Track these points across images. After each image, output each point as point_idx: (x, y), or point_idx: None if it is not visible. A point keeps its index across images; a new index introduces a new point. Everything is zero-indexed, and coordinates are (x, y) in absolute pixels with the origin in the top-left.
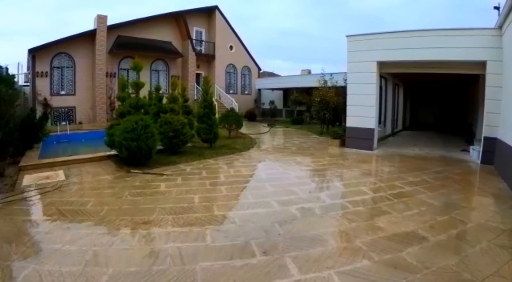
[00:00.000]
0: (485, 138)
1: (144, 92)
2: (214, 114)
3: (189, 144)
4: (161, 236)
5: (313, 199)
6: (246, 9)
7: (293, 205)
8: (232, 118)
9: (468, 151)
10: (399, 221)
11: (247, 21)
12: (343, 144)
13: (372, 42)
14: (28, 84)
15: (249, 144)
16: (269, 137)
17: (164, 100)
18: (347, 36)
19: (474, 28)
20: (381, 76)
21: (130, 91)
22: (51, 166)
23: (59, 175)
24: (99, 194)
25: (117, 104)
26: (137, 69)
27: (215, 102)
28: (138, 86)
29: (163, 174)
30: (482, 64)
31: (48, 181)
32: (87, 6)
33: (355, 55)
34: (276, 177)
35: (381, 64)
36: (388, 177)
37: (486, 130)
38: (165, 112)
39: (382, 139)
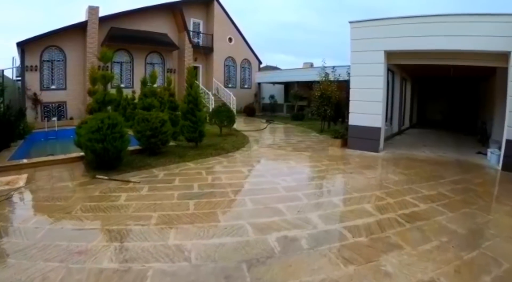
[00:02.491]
0: (508, 141)
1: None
2: (200, 110)
3: (173, 143)
4: (89, 277)
5: (301, 223)
6: (244, 1)
7: (273, 232)
8: (223, 114)
9: (485, 154)
10: (413, 262)
11: (246, 14)
12: (345, 144)
13: (379, 29)
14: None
15: (240, 143)
16: (265, 134)
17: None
18: (350, 22)
19: (497, 14)
20: (388, 69)
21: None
22: (19, 168)
23: (21, 180)
24: (48, 207)
25: None
26: (104, 59)
27: (212, 97)
28: (105, 78)
29: (130, 182)
30: (504, 56)
31: (6, 187)
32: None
33: (359, 44)
34: (261, 188)
35: (389, 54)
36: (397, 189)
37: (509, 132)
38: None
39: (388, 138)
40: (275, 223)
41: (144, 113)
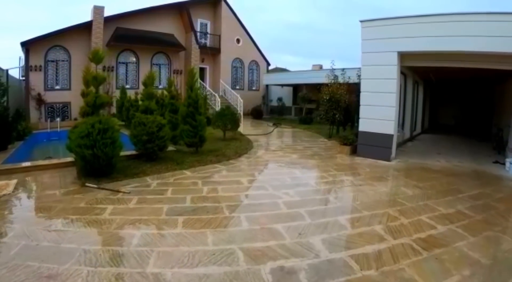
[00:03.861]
0: None
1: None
2: (201, 114)
3: (172, 148)
4: None
5: (302, 250)
6: (251, 1)
7: (268, 261)
8: (227, 118)
9: (503, 164)
10: None
11: (252, 14)
12: (354, 151)
13: (392, 28)
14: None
15: (243, 149)
16: (271, 139)
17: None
18: (361, 21)
19: None
20: (401, 72)
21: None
22: (11, 173)
23: (9, 186)
24: (30, 219)
25: (114, 99)
26: (95, 60)
27: (218, 99)
28: (97, 80)
29: (119, 192)
30: None
31: None
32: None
33: (371, 45)
34: (260, 203)
35: (403, 56)
36: (412, 207)
37: None
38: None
39: (400, 145)
40: (271, 249)
41: (141, 117)
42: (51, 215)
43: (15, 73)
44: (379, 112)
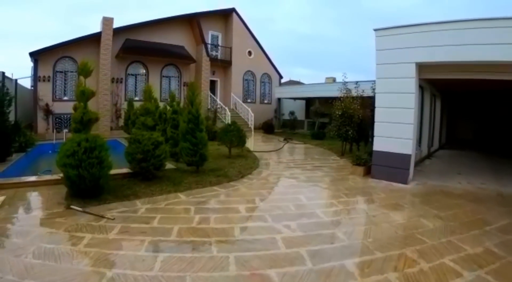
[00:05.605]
0: None
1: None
2: (202, 130)
3: (172, 166)
4: None
5: None
6: (259, 13)
7: None
8: (232, 134)
9: None
10: None
11: (261, 25)
12: (368, 172)
13: (409, 37)
14: None
15: (248, 168)
16: (279, 156)
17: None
18: (375, 29)
19: None
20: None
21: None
22: (0, 188)
23: None
24: (1, 245)
25: (123, 112)
26: (84, 72)
27: (228, 112)
28: (84, 94)
29: (104, 217)
30: None
31: None
32: (104, 11)
33: (386, 55)
34: (255, 238)
35: (421, 67)
36: (433, 245)
37: None
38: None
39: (417, 164)
40: None
41: (136, 133)
42: (25, 243)
43: (27, 83)
44: (396, 130)
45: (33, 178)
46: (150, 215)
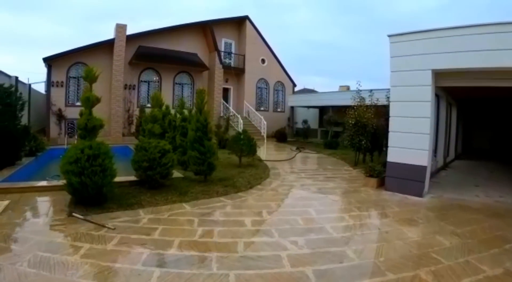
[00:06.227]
0: None
1: None
2: (210, 139)
3: (180, 175)
4: None
5: None
6: (273, 21)
7: None
8: (243, 143)
9: None
10: None
11: (275, 34)
12: (381, 183)
13: (426, 43)
14: None
15: (257, 178)
16: (291, 166)
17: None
18: (389, 35)
19: None
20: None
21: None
22: (6, 192)
23: None
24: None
25: (135, 118)
26: (89, 78)
27: (241, 120)
28: (89, 101)
29: (105, 226)
30: None
31: None
32: (119, 19)
33: (401, 62)
34: (259, 255)
35: (438, 74)
36: (449, 266)
37: None
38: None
39: (432, 175)
40: None
41: (143, 140)
42: (22, 250)
43: (42, 88)
44: (411, 140)
45: (39, 183)
46: (152, 226)
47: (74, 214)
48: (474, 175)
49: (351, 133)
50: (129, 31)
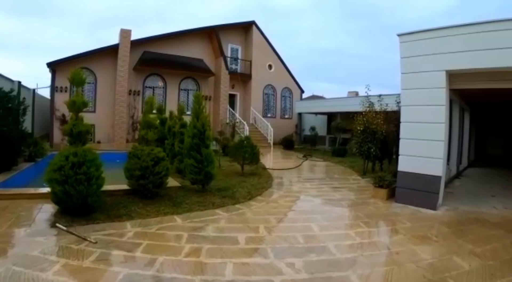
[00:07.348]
0: None
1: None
2: (207, 147)
3: (177, 184)
4: None
5: None
6: (281, 27)
7: None
8: (245, 150)
9: None
10: None
11: (283, 40)
12: (392, 194)
13: (438, 42)
14: None
15: (259, 188)
16: (296, 174)
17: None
18: (399, 35)
19: None
20: None
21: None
22: None
23: None
24: None
25: (139, 124)
26: (75, 81)
27: (247, 127)
28: (75, 105)
29: (86, 240)
30: None
31: None
32: (126, 24)
33: (412, 63)
34: (248, 280)
35: (452, 76)
36: None
37: None
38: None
39: (446, 184)
40: None
41: (136, 148)
42: None
43: (47, 93)
44: (424, 148)
45: (30, 191)
46: (136, 241)
47: (57, 225)
48: (489, 183)
49: (360, 140)
50: (134, 37)
